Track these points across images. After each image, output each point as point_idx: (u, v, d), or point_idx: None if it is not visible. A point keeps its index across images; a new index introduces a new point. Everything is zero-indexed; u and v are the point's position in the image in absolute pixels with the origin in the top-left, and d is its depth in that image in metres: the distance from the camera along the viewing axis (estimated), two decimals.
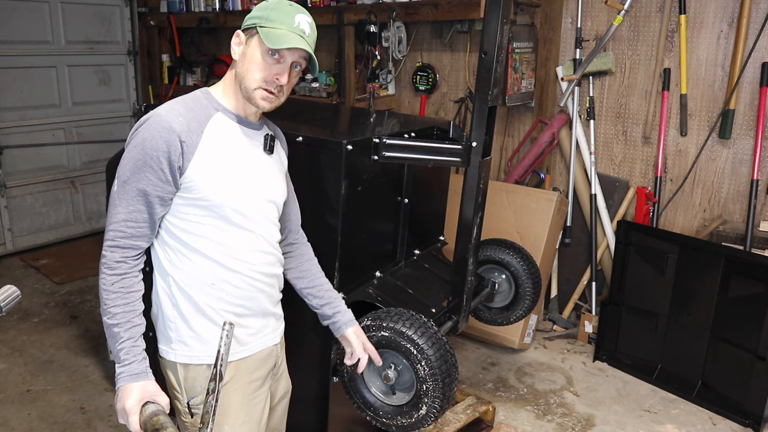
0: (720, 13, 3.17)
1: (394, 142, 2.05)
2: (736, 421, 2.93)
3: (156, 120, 1.40)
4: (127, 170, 1.40)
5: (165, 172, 1.39)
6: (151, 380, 1.37)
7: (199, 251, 1.48)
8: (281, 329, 1.72)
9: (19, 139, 4.64)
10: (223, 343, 1.24)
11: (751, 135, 3.18)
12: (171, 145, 1.38)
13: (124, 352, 1.36)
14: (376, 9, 3.76)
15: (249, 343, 1.59)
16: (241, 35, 1.50)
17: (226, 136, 1.49)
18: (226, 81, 1.53)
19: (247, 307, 1.56)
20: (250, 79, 1.47)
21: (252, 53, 1.46)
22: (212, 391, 1.26)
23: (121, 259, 1.40)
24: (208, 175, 1.43)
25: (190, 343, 1.52)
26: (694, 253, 3.09)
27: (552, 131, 3.67)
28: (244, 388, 1.59)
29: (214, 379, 1.26)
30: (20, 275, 4.43)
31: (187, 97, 1.50)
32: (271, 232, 1.60)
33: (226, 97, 1.53)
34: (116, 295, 1.39)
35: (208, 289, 1.50)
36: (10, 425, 2.79)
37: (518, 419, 2.94)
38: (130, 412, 1.32)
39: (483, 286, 2.56)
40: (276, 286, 1.66)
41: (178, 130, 1.39)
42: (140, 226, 1.42)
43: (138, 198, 1.40)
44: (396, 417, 1.87)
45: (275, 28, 1.44)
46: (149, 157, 1.38)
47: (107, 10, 5.08)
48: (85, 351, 3.43)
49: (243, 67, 1.48)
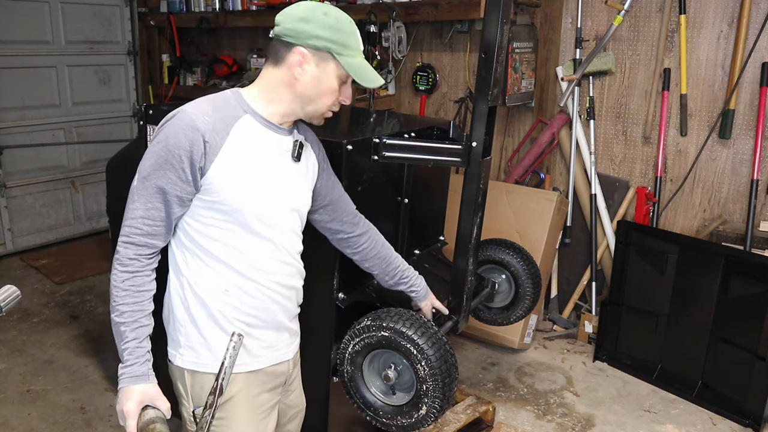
0: (720, 13, 3.17)
1: (394, 142, 2.05)
2: (736, 421, 2.93)
3: (182, 117, 1.37)
4: (148, 166, 1.38)
5: (186, 172, 1.36)
6: (152, 383, 1.35)
7: (215, 256, 1.45)
8: (295, 345, 1.69)
9: (19, 139, 4.64)
10: (229, 355, 1.19)
11: (751, 135, 3.18)
12: (194, 145, 1.35)
13: (127, 352, 1.34)
14: (376, 9, 3.76)
15: (261, 356, 1.55)
16: (308, 55, 1.42)
17: (252, 140, 1.44)
18: (264, 86, 1.47)
19: (261, 318, 1.53)
20: (321, 104, 1.47)
21: (328, 80, 1.44)
22: (210, 406, 1.22)
23: (134, 256, 1.38)
24: (229, 179, 1.39)
25: (198, 349, 1.49)
26: (694, 253, 3.09)
27: (552, 131, 3.67)
28: (251, 402, 1.55)
29: (213, 393, 1.22)
30: (20, 275, 4.43)
31: (217, 96, 1.46)
32: (292, 242, 1.56)
33: (259, 102, 1.47)
34: (126, 293, 1.36)
35: (221, 296, 1.47)
36: (10, 425, 2.79)
37: (518, 419, 2.94)
38: (129, 416, 1.30)
39: (483, 286, 2.55)
40: (294, 299, 1.62)
41: (203, 130, 1.36)
42: (157, 224, 1.39)
43: (156, 195, 1.37)
44: (396, 417, 1.87)
45: (354, 57, 1.44)
46: (171, 155, 1.35)
47: (107, 10, 5.08)
48: (85, 351, 3.43)
49: (314, 91, 1.45)
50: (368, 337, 1.84)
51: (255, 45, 4.94)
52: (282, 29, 1.43)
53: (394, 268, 1.91)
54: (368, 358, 1.90)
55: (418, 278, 2.00)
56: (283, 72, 1.45)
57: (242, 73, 4.88)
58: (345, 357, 1.91)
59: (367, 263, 1.88)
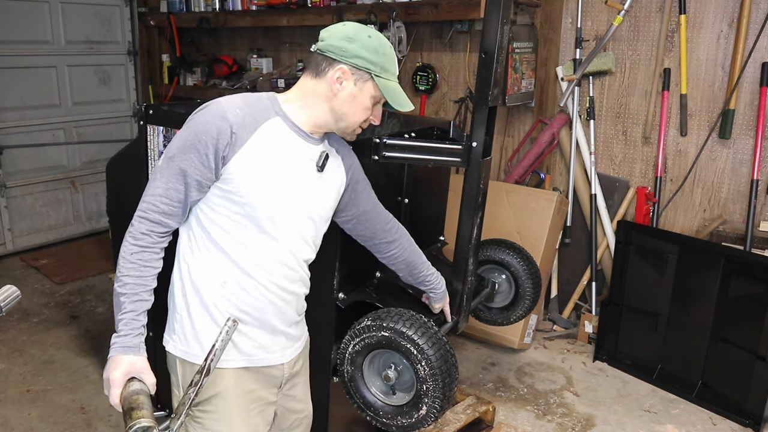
0: (720, 13, 3.18)
1: (394, 142, 2.05)
2: (736, 421, 2.93)
3: (214, 107, 1.43)
4: (174, 148, 1.43)
5: (209, 158, 1.40)
6: (142, 356, 1.36)
7: (220, 246, 1.48)
8: (294, 350, 1.68)
9: (19, 139, 4.64)
10: (221, 338, 1.21)
11: (751, 135, 3.18)
12: (221, 133, 1.40)
13: (123, 323, 1.36)
14: (376, 9, 3.76)
15: (251, 355, 1.56)
16: (347, 72, 1.48)
17: (278, 141, 1.48)
18: (301, 95, 1.53)
19: (253, 317, 1.53)
20: (353, 120, 1.53)
21: (363, 98, 1.51)
22: (195, 384, 1.23)
23: (147, 231, 1.41)
24: (248, 172, 1.43)
25: (189, 339, 1.52)
26: (694, 253, 3.09)
27: (552, 131, 3.67)
28: (241, 397, 1.56)
29: (200, 372, 1.23)
30: (20, 275, 4.43)
31: (252, 95, 1.51)
32: (300, 249, 1.57)
33: (293, 108, 1.52)
34: (132, 266, 1.39)
35: (218, 287, 1.49)
36: (10, 425, 2.79)
37: (518, 419, 2.94)
38: (113, 384, 1.30)
39: (483, 286, 2.55)
40: (293, 305, 1.62)
41: (232, 121, 1.41)
42: (174, 204, 1.43)
43: (178, 177, 1.41)
44: (396, 417, 1.87)
45: (390, 80, 1.52)
46: (198, 140, 1.40)
47: (107, 10, 5.08)
48: (85, 351, 3.43)
49: (349, 108, 1.51)
50: (368, 337, 1.84)
51: (255, 45, 4.94)
52: (327, 45, 1.49)
53: (419, 272, 1.98)
54: (368, 358, 1.90)
55: (440, 282, 2.06)
56: (323, 85, 1.50)
57: (242, 73, 4.88)
58: (345, 357, 1.91)
59: (394, 266, 1.95)
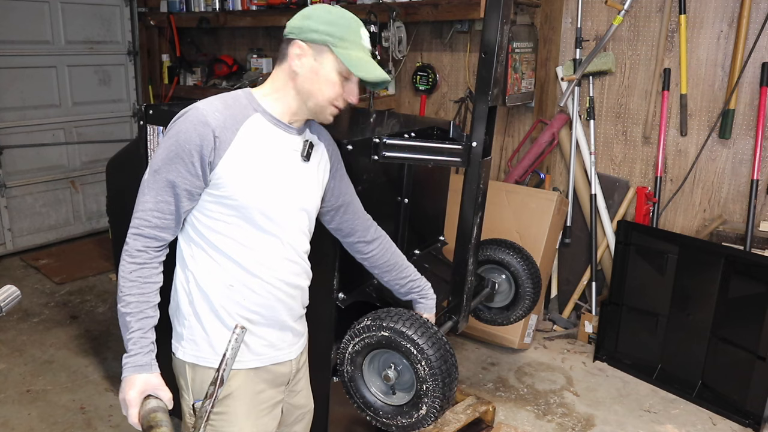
0: (720, 13, 3.18)
1: (395, 142, 2.05)
2: (736, 421, 2.93)
3: (193, 113, 1.40)
4: (159, 160, 1.40)
5: (195, 166, 1.38)
6: (155, 373, 1.36)
7: (221, 251, 1.46)
8: (300, 345, 1.68)
9: (19, 139, 4.64)
10: (231, 347, 1.20)
11: (751, 135, 3.18)
12: (204, 139, 1.37)
13: (132, 342, 1.36)
14: (376, 9, 3.76)
15: (262, 354, 1.56)
16: (305, 48, 1.44)
17: (261, 138, 1.46)
18: (274, 86, 1.50)
19: (264, 316, 1.53)
20: (321, 98, 1.47)
21: (326, 73, 1.45)
22: (210, 396, 1.23)
23: (142, 248, 1.40)
24: (237, 174, 1.41)
25: (200, 343, 1.50)
26: (694, 253, 3.09)
27: (552, 131, 3.67)
28: (252, 398, 1.55)
29: (214, 384, 1.22)
30: (20, 275, 4.43)
31: (228, 95, 1.49)
32: (299, 241, 1.57)
33: (269, 101, 1.49)
34: (133, 284, 1.38)
35: (225, 291, 1.48)
36: (10, 425, 2.79)
37: (518, 419, 2.94)
38: (130, 404, 1.31)
39: (483, 286, 2.55)
40: (299, 299, 1.62)
41: (213, 125, 1.38)
42: (166, 217, 1.41)
43: (167, 189, 1.39)
44: (396, 417, 1.87)
45: (352, 51, 1.44)
46: (182, 149, 1.37)
47: (107, 10, 5.08)
48: (85, 351, 3.43)
49: (313, 85, 1.45)
50: (368, 337, 1.84)
51: (255, 45, 4.94)
52: (288, 28, 1.48)
53: (405, 276, 1.91)
54: (368, 358, 1.90)
55: (430, 289, 1.98)
56: (285, 67, 1.48)
57: (242, 73, 4.88)
58: (345, 357, 1.91)
59: (377, 270, 1.88)
